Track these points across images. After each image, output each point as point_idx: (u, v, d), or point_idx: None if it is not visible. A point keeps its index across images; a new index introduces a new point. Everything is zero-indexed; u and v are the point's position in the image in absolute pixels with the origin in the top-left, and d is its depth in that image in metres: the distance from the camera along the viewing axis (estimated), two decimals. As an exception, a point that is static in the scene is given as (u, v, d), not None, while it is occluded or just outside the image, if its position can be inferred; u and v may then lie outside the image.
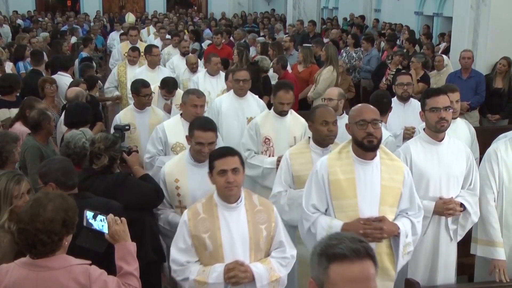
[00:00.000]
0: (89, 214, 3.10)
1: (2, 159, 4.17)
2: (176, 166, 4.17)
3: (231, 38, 13.04)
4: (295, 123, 5.34)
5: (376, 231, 3.45)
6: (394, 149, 4.83)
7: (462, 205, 4.01)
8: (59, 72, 7.90)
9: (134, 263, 3.00)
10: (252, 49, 11.91)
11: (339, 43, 12.44)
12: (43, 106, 5.73)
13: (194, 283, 3.33)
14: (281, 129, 5.27)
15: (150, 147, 5.10)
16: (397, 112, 5.56)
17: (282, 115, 5.27)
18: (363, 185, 3.52)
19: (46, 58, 9.34)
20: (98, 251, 3.14)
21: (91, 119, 5.58)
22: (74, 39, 12.62)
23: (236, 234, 3.35)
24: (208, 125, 4.10)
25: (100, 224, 3.07)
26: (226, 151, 3.39)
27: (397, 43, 12.60)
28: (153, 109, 6.08)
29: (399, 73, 6.37)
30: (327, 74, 8.13)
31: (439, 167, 3.99)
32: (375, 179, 3.53)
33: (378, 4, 20.01)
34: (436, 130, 3.99)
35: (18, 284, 2.66)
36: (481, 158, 4.44)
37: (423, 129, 4.15)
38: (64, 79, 7.63)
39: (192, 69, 8.49)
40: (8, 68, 8.90)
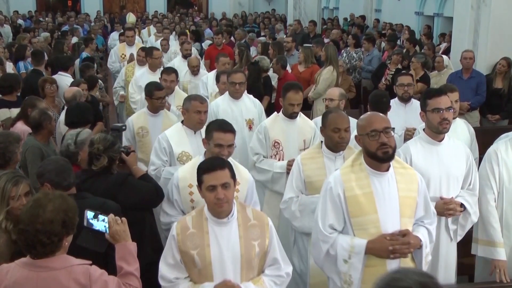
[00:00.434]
0: (89, 214, 3.10)
1: (5, 160, 4.16)
2: (190, 171, 3.93)
3: (232, 38, 13.05)
4: (305, 126, 5.22)
5: (404, 246, 3.26)
6: (400, 145, 4.85)
7: (462, 205, 4.01)
8: (60, 72, 7.90)
9: (135, 263, 3.00)
10: (253, 49, 11.92)
11: (339, 43, 12.44)
12: (44, 105, 5.73)
13: None
14: (290, 132, 5.13)
15: (154, 159, 4.87)
16: (398, 113, 5.55)
17: (292, 117, 5.13)
18: (381, 198, 3.32)
19: (46, 58, 9.32)
20: (99, 251, 3.14)
21: (92, 119, 5.58)
22: (75, 39, 12.61)
23: (227, 251, 3.16)
24: (228, 126, 3.97)
25: (101, 224, 3.08)
26: (216, 164, 3.16)
27: (397, 43, 12.60)
28: (166, 113, 5.87)
29: (399, 73, 6.36)
30: (327, 75, 8.13)
31: (439, 168, 3.99)
32: (393, 191, 3.35)
33: (378, 4, 20.00)
34: (438, 131, 3.99)
35: (18, 284, 2.66)
36: (481, 159, 4.44)
37: (423, 129, 4.15)
38: (64, 79, 7.64)
39: (194, 71, 8.39)
40: (9, 68, 8.91)
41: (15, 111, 6.10)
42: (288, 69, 8.70)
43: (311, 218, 3.84)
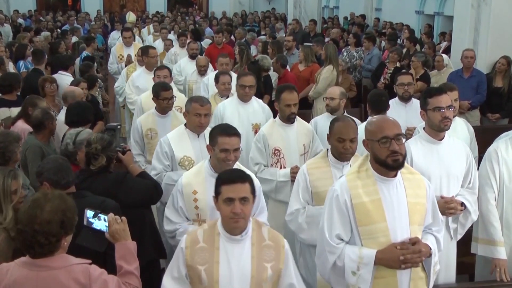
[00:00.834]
0: (89, 213, 3.10)
1: (5, 159, 4.16)
2: (194, 177, 3.87)
3: (232, 37, 13.05)
4: (303, 130, 5.05)
5: (416, 255, 3.12)
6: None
7: (462, 204, 4.01)
8: (60, 71, 7.90)
9: (134, 262, 3.01)
10: (253, 48, 11.91)
11: (339, 42, 12.44)
12: (45, 104, 5.73)
13: None
14: (289, 138, 4.94)
15: (156, 163, 4.73)
16: (398, 112, 5.54)
17: (291, 120, 4.93)
18: (390, 205, 3.18)
19: (46, 57, 9.31)
20: (99, 250, 3.14)
21: (92, 118, 5.58)
22: (75, 39, 12.60)
23: (236, 271, 2.98)
24: (232, 129, 3.80)
25: (101, 223, 3.08)
26: (237, 176, 3.00)
27: (398, 42, 12.59)
28: (174, 113, 5.73)
29: (399, 73, 6.35)
30: (327, 74, 8.13)
31: (440, 166, 3.99)
32: (401, 198, 3.20)
33: (379, 3, 19.99)
34: (439, 130, 3.99)
35: (18, 283, 2.66)
36: (481, 157, 4.44)
37: (423, 128, 4.15)
38: (64, 78, 7.63)
39: (201, 71, 8.25)
40: (10, 67, 8.90)
41: (15, 110, 6.10)
42: (289, 68, 8.70)
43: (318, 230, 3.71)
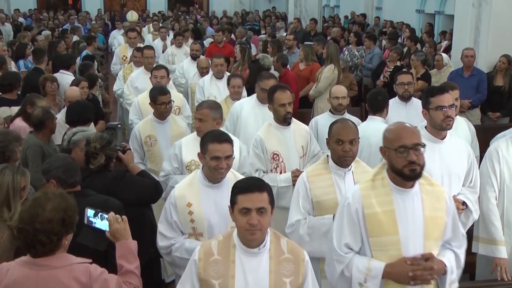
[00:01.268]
0: (90, 212, 3.10)
1: (5, 158, 4.17)
2: (187, 188, 3.62)
3: (233, 36, 13.04)
4: (300, 131, 4.86)
5: (427, 272, 2.98)
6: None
7: (464, 203, 4.01)
8: (61, 70, 7.90)
9: (135, 261, 3.01)
10: (252, 46, 11.90)
11: (340, 41, 12.43)
12: (44, 103, 5.72)
13: None
14: (287, 140, 4.74)
15: (166, 165, 4.65)
16: (399, 111, 5.54)
17: (287, 121, 4.73)
18: (404, 218, 3.03)
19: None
20: (99, 249, 3.15)
21: (93, 118, 5.58)
22: (76, 38, 12.60)
23: (253, 286, 2.81)
24: (224, 136, 3.59)
25: (101, 222, 3.08)
26: (254, 185, 2.83)
27: (398, 41, 12.59)
28: (174, 119, 5.53)
29: (399, 72, 6.34)
30: (328, 73, 8.13)
31: (441, 165, 3.99)
32: (417, 210, 3.06)
33: (379, 2, 19.96)
34: (441, 129, 3.99)
35: (18, 283, 2.66)
36: (482, 157, 4.44)
37: (425, 127, 4.15)
38: (66, 77, 7.62)
39: (203, 73, 7.86)
40: (12, 67, 8.90)
41: (15, 110, 6.08)
42: (289, 67, 8.70)
43: (322, 241, 3.62)
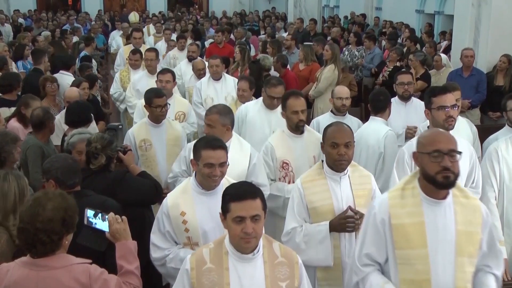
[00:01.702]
0: (90, 212, 3.11)
1: (1, 160, 4.14)
2: (180, 196, 3.50)
3: (232, 36, 13.04)
4: (312, 139, 4.62)
5: None
6: (394, 144, 4.84)
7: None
8: (61, 71, 7.90)
9: (135, 262, 3.01)
10: (252, 47, 11.90)
11: (339, 41, 12.44)
12: (39, 104, 5.70)
13: None
14: (298, 149, 4.56)
15: (175, 166, 4.53)
16: (398, 111, 5.54)
17: (299, 129, 4.55)
18: (434, 231, 2.87)
19: (47, 57, 9.31)
20: (99, 249, 3.15)
21: (92, 118, 5.58)
22: (76, 39, 12.60)
23: None
24: (218, 142, 3.46)
25: (101, 222, 3.08)
26: (246, 192, 2.73)
27: (398, 41, 12.60)
28: (169, 122, 5.36)
29: (399, 72, 6.34)
30: (328, 73, 8.13)
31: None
32: (449, 224, 2.88)
33: (379, 2, 19.98)
34: (443, 129, 3.98)
35: (18, 283, 2.66)
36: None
37: (427, 127, 4.15)
38: (66, 78, 7.63)
39: (200, 75, 7.64)
40: (13, 67, 8.90)
41: (15, 110, 6.10)
42: (290, 67, 8.71)
43: (318, 249, 3.58)
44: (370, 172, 3.94)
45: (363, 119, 6.56)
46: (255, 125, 5.38)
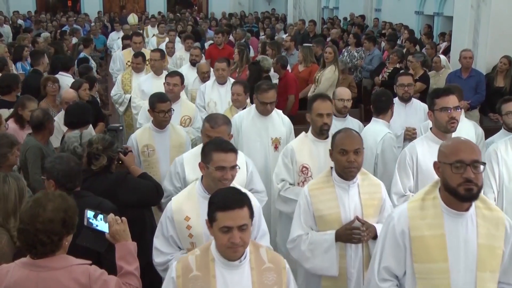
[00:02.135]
0: (89, 213, 3.11)
1: None
2: (185, 201, 3.43)
3: (231, 37, 13.04)
4: None
5: None
6: (392, 147, 4.84)
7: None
8: (61, 72, 7.89)
9: (135, 263, 3.01)
10: (251, 48, 11.90)
11: (339, 42, 12.45)
12: (35, 105, 5.68)
13: None
14: (319, 155, 4.41)
15: (167, 184, 4.32)
16: (398, 112, 5.53)
17: (323, 132, 4.40)
18: (455, 244, 2.76)
19: (46, 58, 9.31)
20: (99, 250, 3.15)
21: (92, 120, 5.58)
22: (75, 40, 12.60)
23: None
24: (229, 145, 3.40)
25: (101, 223, 3.08)
26: (233, 200, 2.64)
27: (397, 42, 12.61)
28: (173, 127, 5.24)
29: (400, 73, 6.34)
30: (329, 74, 8.14)
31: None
32: (471, 237, 2.76)
33: (378, 3, 20.02)
34: (446, 130, 3.99)
35: (18, 284, 2.66)
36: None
37: (430, 128, 4.15)
38: (65, 79, 7.62)
39: (204, 78, 7.53)
40: (13, 68, 8.90)
41: (14, 112, 6.09)
42: (288, 68, 8.70)
43: (324, 258, 3.53)
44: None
45: (362, 120, 6.56)
46: (251, 134, 5.25)
